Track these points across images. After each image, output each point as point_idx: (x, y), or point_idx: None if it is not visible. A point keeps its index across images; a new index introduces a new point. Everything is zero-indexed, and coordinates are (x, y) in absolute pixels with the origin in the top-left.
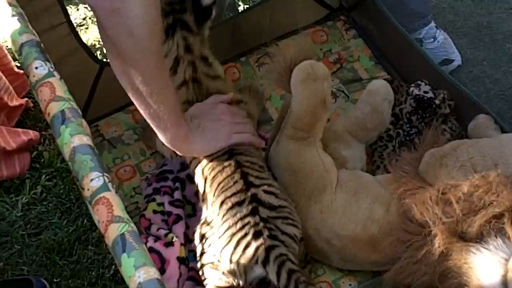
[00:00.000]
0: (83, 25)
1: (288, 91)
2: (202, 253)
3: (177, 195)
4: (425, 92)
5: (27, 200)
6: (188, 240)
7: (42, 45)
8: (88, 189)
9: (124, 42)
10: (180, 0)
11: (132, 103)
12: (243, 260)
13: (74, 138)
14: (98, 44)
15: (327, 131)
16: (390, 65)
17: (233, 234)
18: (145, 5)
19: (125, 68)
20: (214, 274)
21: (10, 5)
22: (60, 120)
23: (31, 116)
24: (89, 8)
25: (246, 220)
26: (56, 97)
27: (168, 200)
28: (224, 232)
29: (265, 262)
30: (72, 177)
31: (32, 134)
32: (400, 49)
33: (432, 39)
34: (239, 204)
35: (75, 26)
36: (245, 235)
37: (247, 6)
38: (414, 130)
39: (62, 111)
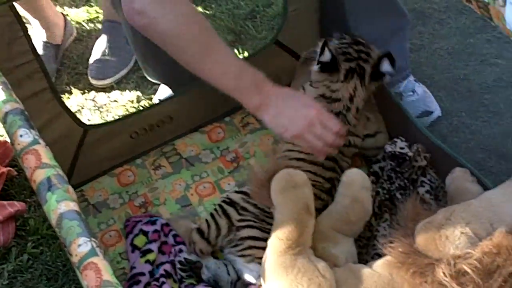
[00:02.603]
0: (67, 91)
1: (268, 204)
2: None
3: None
4: (401, 148)
5: (13, 267)
6: None
7: (26, 113)
8: (76, 255)
9: (162, 46)
10: (367, 53)
11: (117, 166)
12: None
13: (61, 205)
14: (82, 108)
15: (313, 232)
16: None
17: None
18: (172, 21)
19: (174, 58)
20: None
21: None
22: (46, 187)
23: (15, 183)
24: (73, 74)
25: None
26: (42, 164)
27: None
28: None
29: None
30: (59, 244)
31: (19, 205)
32: (381, 103)
33: (412, 92)
34: None
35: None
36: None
37: None
38: (394, 187)
39: (48, 178)
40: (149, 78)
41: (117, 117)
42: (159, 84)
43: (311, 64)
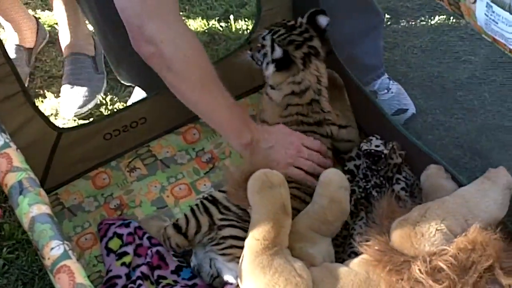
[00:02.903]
0: (41, 95)
1: (245, 204)
2: None
3: None
4: (376, 146)
5: None
6: None
7: None
8: (48, 258)
9: (166, 76)
10: (306, 29)
11: (91, 169)
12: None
13: (33, 208)
14: (56, 111)
15: (290, 232)
16: None
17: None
18: (177, 44)
19: (174, 91)
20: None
21: None
22: (18, 191)
23: None
24: (46, 77)
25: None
26: (13, 168)
27: None
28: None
29: None
30: (34, 248)
31: None
32: (356, 102)
33: (386, 91)
34: None
35: (31, 95)
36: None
37: None
38: (370, 185)
39: (20, 182)
40: (123, 82)
41: (91, 120)
42: (133, 87)
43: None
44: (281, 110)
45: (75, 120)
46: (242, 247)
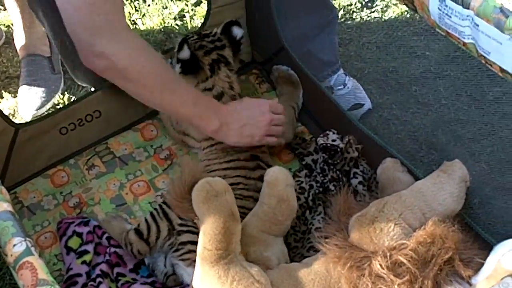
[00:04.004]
0: None
1: (191, 216)
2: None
3: None
4: (333, 140)
5: None
6: None
7: None
8: (11, 255)
9: (124, 85)
10: (219, 38)
11: (50, 167)
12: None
13: None
14: (14, 111)
15: (242, 236)
16: (306, 114)
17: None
18: (129, 54)
19: (135, 97)
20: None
21: None
22: None
23: None
24: (3, 77)
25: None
26: None
27: None
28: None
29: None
30: None
31: None
32: (312, 98)
33: (342, 86)
34: None
35: None
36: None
37: None
38: (327, 179)
39: None
40: (79, 83)
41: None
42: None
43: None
44: None
45: (34, 118)
46: None
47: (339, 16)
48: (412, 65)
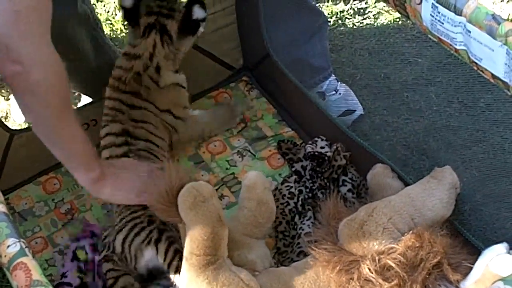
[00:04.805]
0: None
1: (176, 220)
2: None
3: None
4: (322, 147)
5: None
6: None
7: None
8: (5, 256)
9: (29, 100)
10: (171, 7)
11: (42, 174)
12: (135, 243)
13: None
14: (7, 114)
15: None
16: (294, 121)
17: (127, 222)
18: (45, 69)
19: (31, 119)
20: (107, 266)
21: None
22: None
23: None
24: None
25: (139, 213)
26: None
27: None
28: (120, 222)
29: (157, 241)
30: None
31: None
32: (301, 104)
33: (334, 92)
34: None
35: None
36: (140, 222)
37: None
38: (316, 185)
39: None
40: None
41: None
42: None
43: None
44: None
45: (25, 122)
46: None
47: (332, 23)
48: (404, 71)
